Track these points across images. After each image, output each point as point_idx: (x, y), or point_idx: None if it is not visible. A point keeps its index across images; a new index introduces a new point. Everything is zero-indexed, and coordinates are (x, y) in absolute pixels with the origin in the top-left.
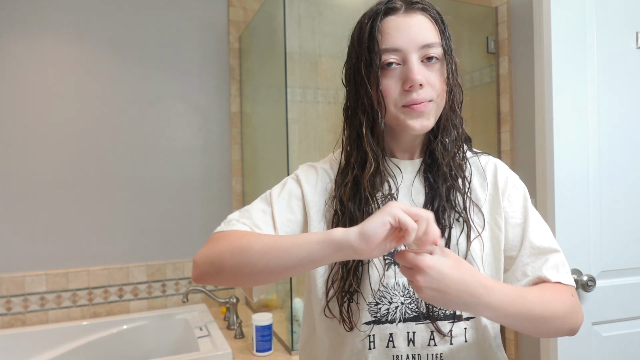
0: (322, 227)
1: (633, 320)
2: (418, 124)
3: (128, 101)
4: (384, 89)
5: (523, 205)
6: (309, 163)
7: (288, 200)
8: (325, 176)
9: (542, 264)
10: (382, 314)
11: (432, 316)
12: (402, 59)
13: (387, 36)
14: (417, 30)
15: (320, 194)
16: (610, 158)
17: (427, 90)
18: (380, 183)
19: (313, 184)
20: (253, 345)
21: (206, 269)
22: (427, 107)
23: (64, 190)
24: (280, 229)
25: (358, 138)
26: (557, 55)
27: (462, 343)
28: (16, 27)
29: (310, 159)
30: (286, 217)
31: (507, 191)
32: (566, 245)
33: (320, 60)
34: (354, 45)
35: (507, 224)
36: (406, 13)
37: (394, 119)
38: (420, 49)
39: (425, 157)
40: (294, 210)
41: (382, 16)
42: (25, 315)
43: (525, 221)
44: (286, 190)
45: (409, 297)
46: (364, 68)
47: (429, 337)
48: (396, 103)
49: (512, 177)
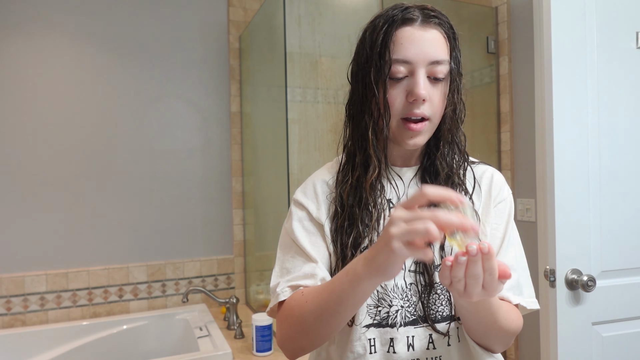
0: (331, 232)
1: (633, 320)
2: (412, 142)
3: (128, 101)
4: (389, 98)
5: (506, 220)
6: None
7: (304, 229)
8: (321, 182)
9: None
10: (382, 317)
11: (430, 318)
12: (410, 71)
13: (400, 47)
14: (429, 45)
15: (322, 200)
16: (610, 158)
17: (427, 107)
18: (381, 188)
19: (312, 195)
20: (253, 345)
21: (298, 349)
22: (423, 127)
23: (64, 191)
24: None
25: (363, 140)
26: (557, 55)
27: (457, 343)
28: (16, 27)
29: (310, 159)
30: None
31: (498, 203)
32: (566, 245)
33: (320, 60)
34: (365, 46)
35: (490, 235)
36: (422, 26)
37: (392, 130)
38: (429, 64)
39: (424, 162)
40: (311, 231)
41: (398, 25)
42: (25, 315)
43: (504, 236)
44: (296, 219)
45: (408, 300)
46: (373, 74)
47: (427, 341)
48: (397, 113)
49: (505, 191)
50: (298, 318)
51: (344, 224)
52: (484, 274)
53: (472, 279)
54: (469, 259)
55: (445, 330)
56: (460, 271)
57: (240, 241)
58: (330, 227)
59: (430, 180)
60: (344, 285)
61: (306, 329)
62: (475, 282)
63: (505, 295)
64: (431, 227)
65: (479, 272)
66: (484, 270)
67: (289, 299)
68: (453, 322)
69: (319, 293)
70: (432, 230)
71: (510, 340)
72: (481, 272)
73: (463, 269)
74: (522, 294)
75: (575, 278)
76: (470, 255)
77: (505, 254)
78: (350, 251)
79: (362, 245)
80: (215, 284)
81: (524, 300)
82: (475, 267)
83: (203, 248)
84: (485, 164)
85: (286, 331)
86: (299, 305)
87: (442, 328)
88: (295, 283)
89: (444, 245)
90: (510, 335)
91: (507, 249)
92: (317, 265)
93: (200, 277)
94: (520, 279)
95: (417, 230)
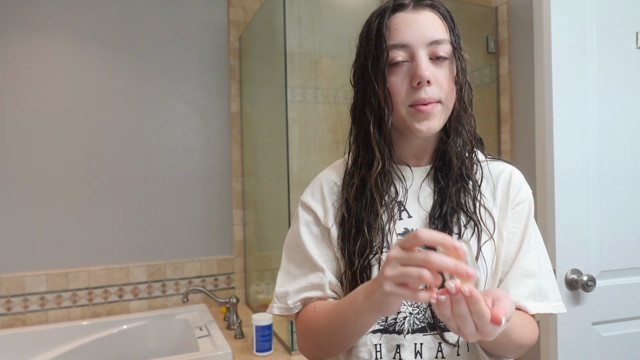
0: (338, 238)
1: (633, 320)
2: (425, 127)
3: (128, 101)
4: (391, 87)
5: (525, 223)
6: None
7: (310, 233)
8: (330, 183)
9: (524, 290)
10: (389, 323)
11: (440, 327)
12: (410, 56)
13: (395, 32)
14: (425, 26)
15: (330, 203)
16: (610, 158)
17: (435, 89)
18: (387, 185)
19: (319, 198)
20: (253, 345)
21: (317, 358)
22: (434, 109)
23: (64, 191)
24: (326, 267)
25: (366, 136)
26: (557, 55)
27: (466, 353)
28: (16, 27)
29: (310, 159)
30: (323, 253)
31: (516, 205)
32: (566, 245)
33: (320, 60)
34: (362, 44)
35: (507, 239)
36: (414, 9)
37: (401, 120)
38: (428, 45)
39: (436, 160)
40: (317, 236)
41: (390, 13)
42: (25, 315)
43: (522, 240)
44: (303, 223)
45: (417, 307)
46: (371, 65)
47: (436, 350)
48: (404, 102)
49: (525, 191)
50: (312, 334)
51: (351, 231)
52: (471, 316)
53: (460, 320)
54: (452, 298)
55: (455, 340)
56: (446, 310)
57: (240, 241)
58: (337, 233)
59: (443, 179)
60: (348, 314)
61: (320, 345)
62: (464, 324)
63: (523, 305)
64: (424, 273)
65: (465, 312)
66: (471, 313)
67: (302, 313)
68: None
69: (327, 315)
70: (425, 276)
71: (525, 350)
72: (467, 313)
73: (448, 307)
74: (548, 298)
75: (575, 278)
76: (450, 294)
77: (524, 259)
78: (357, 259)
79: (369, 252)
80: (215, 284)
81: (551, 305)
82: (459, 307)
83: (203, 248)
84: (503, 160)
85: (304, 343)
86: (311, 322)
87: (452, 337)
88: (305, 296)
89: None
90: (525, 348)
91: (527, 252)
92: (324, 274)
93: (200, 277)
94: (543, 283)
95: (410, 274)
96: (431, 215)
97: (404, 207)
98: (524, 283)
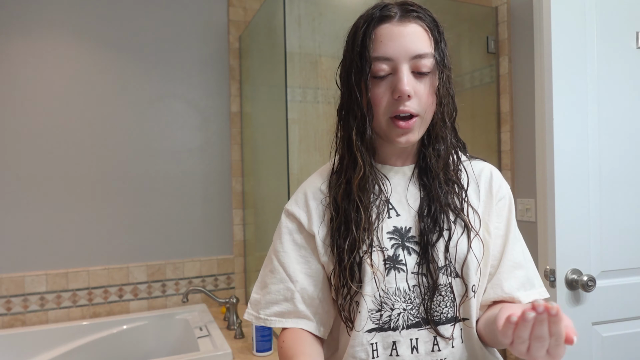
0: (326, 237)
1: (633, 320)
2: (404, 140)
3: (128, 101)
4: (372, 97)
5: (507, 217)
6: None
7: (293, 242)
8: (313, 189)
9: (516, 282)
10: (384, 321)
11: (434, 321)
12: (393, 69)
13: (380, 44)
14: (410, 40)
15: (314, 208)
16: (610, 158)
17: (414, 103)
18: (372, 186)
19: (303, 205)
20: (253, 345)
21: None
22: (411, 125)
23: (64, 190)
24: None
25: (349, 141)
26: (557, 55)
27: (460, 344)
28: (16, 27)
29: (310, 159)
30: (306, 260)
31: (499, 201)
32: (566, 245)
33: (320, 60)
34: (348, 48)
35: (494, 234)
36: (400, 21)
37: (382, 130)
38: (411, 59)
39: (419, 161)
40: (301, 244)
41: (376, 23)
42: (25, 315)
43: (507, 234)
44: (286, 232)
45: (410, 303)
46: (354, 74)
47: (432, 343)
48: (384, 112)
49: (504, 187)
50: (281, 357)
51: (340, 228)
52: (550, 337)
53: (537, 342)
54: (536, 318)
55: (450, 333)
56: (525, 332)
57: (240, 241)
58: (325, 233)
59: (427, 177)
60: None
61: None
62: (541, 345)
63: (516, 296)
64: None
65: (545, 334)
66: (551, 334)
67: (280, 335)
68: (457, 323)
69: (286, 355)
70: None
71: None
72: (547, 335)
73: (529, 328)
74: (535, 285)
75: (575, 278)
76: (538, 312)
77: (512, 251)
78: (347, 255)
79: (358, 249)
80: (215, 284)
81: (538, 292)
82: (541, 328)
83: (203, 248)
84: (481, 160)
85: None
86: (280, 347)
87: (446, 330)
88: (276, 310)
89: (448, 246)
90: None
91: (514, 245)
92: (295, 285)
93: (200, 277)
94: (529, 272)
95: None
96: (419, 213)
97: (392, 206)
98: (515, 274)
